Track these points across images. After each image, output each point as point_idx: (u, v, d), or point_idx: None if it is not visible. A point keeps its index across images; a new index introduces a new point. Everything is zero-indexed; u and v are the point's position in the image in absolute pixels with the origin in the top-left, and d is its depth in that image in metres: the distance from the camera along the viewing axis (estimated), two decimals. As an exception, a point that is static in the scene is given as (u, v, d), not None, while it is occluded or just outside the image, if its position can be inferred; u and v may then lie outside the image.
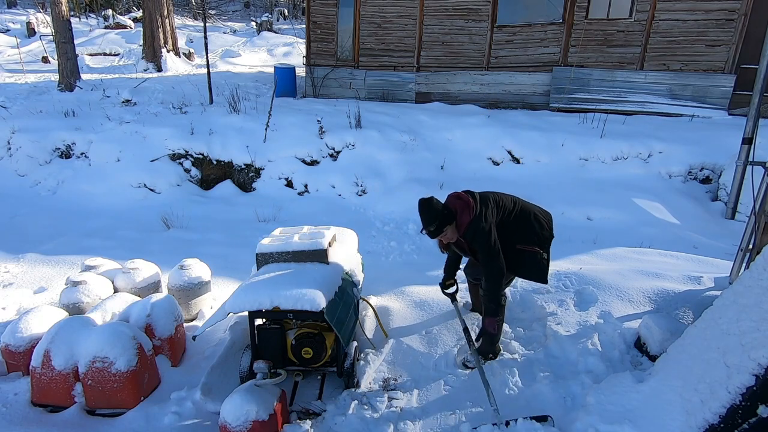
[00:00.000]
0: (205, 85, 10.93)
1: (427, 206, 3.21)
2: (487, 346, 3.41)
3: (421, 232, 3.28)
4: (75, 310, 3.90)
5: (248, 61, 16.38)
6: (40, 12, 20.36)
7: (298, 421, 3.00)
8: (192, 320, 4.30)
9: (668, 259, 5.10)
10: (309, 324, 3.33)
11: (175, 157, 8.68)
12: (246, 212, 7.53)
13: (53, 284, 4.93)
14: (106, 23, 19.42)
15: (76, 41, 12.20)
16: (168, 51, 14.54)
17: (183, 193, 8.20)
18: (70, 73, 11.69)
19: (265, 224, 7.06)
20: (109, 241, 6.32)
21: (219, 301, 4.48)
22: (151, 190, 8.19)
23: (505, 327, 3.80)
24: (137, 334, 3.28)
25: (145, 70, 14.02)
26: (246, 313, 3.32)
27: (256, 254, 3.59)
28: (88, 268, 4.40)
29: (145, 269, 4.32)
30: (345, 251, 3.93)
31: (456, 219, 3.24)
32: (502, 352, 3.52)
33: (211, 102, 10.50)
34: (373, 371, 3.47)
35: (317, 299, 3.03)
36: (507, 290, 4.27)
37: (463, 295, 4.25)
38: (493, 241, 3.20)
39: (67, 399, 3.18)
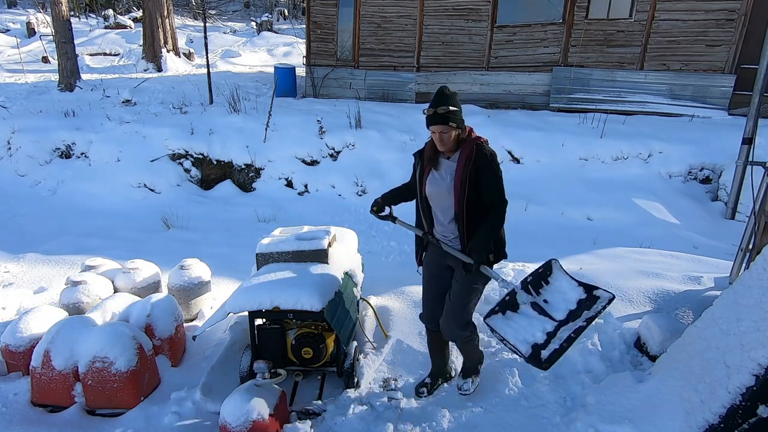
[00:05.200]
0: (205, 85, 10.93)
1: (447, 91, 2.74)
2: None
3: (424, 112, 2.75)
4: (75, 310, 3.90)
5: (248, 61, 16.37)
6: (40, 12, 20.35)
7: (298, 421, 3.00)
8: (192, 320, 4.30)
9: (668, 259, 5.10)
10: (309, 324, 3.33)
11: (175, 157, 8.68)
12: (246, 212, 7.53)
13: (53, 284, 4.92)
14: (106, 23, 19.41)
15: (76, 41, 12.20)
16: (168, 51, 14.54)
17: (183, 193, 8.20)
18: (70, 73, 11.69)
19: (265, 224, 7.06)
20: (109, 241, 6.32)
21: (219, 301, 4.48)
22: (151, 190, 8.19)
23: (505, 327, 3.79)
24: (137, 334, 3.28)
25: (145, 70, 14.02)
26: (246, 313, 3.33)
27: (256, 254, 3.59)
28: (88, 268, 4.40)
29: (145, 269, 4.32)
30: (345, 251, 3.93)
31: (464, 130, 2.76)
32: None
33: (211, 102, 10.50)
34: (373, 371, 3.46)
35: (317, 299, 3.03)
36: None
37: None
38: (501, 175, 2.73)
39: (67, 399, 3.18)
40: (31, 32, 18.15)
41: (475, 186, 2.69)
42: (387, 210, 3.17)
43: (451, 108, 2.66)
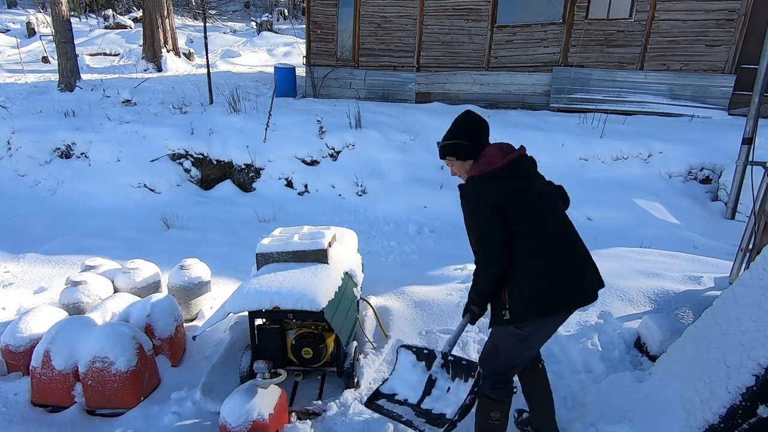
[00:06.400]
0: (205, 85, 10.93)
1: (458, 120, 2.55)
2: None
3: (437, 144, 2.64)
4: (75, 310, 3.90)
5: (248, 61, 16.37)
6: (40, 12, 20.35)
7: (298, 421, 3.00)
8: (192, 320, 4.30)
9: (668, 259, 5.10)
10: (309, 324, 3.33)
11: (175, 157, 8.68)
12: (246, 212, 7.53)
13: (53, 284, 4.92)
14: (106, 23, 19.41)
15: (76, 41, 12.20)
16: (168, 51, 14.54)
17: (183, 193, 8.20)
18: (70, 73, 11.69)
19: (265, 224, 7.06)
20: (109, 241, 6.32)
21: (219, 301, 4.48)
22: (151, 190, 8.19)
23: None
24: (137, 334, 3.28)
25: (145, 70, 14.02)
26: (246, 313, 3.32)
27: (256, 254, 3.59)
28: (88, 268, 4.40)
29: (145, 269, 4.32)
30: (345, 251, 3.93)
31: (473, 158, 2.46)
32: None
33: (211, 102, 10.50)
34: (373, 371, 3.47)
35: (317, 299, 3.03)
36: None
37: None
38: (481, 220, 2.28)
39: (67, 399, 3.18)
40: (31, 32, 18.15)
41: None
42: None
43: (445, 142, 2.53)
